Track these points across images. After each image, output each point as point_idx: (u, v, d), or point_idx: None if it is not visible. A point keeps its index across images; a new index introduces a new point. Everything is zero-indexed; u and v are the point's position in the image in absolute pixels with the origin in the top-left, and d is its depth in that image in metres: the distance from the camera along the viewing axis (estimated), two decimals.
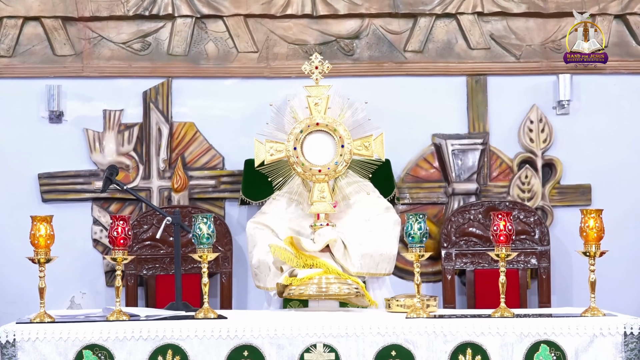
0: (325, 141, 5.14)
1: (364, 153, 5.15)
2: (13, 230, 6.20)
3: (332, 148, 5.13)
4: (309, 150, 5.11)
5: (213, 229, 4.41)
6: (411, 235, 4.37)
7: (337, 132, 5.12)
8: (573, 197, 6.58)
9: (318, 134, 5.13)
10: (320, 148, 5.12)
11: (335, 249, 4.97)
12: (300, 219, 5.16)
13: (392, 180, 6.38)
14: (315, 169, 5.08)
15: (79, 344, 4.17)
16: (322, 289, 4.73)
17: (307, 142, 5.12)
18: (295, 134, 5.11)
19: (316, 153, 5.11)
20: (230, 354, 4.18)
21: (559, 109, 6.59)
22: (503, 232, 4.36)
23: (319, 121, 5.14)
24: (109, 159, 6.42)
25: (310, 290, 4.73)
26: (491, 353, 4.18)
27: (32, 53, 6.48)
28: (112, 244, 4.40)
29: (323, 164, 5.09)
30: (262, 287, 5.14)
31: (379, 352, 4.18)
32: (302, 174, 5.10)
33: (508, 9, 6.59)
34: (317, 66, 5.26)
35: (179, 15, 6.51)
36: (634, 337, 4.19)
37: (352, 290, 4.76)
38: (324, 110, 5.16)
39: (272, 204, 5.36)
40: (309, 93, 5.20)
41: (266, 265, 5.03)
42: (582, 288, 5.94)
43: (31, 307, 4.96)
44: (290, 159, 5.10)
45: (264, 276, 5.06)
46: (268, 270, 5.02)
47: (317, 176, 5.08)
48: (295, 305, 5.10)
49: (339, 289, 4.74)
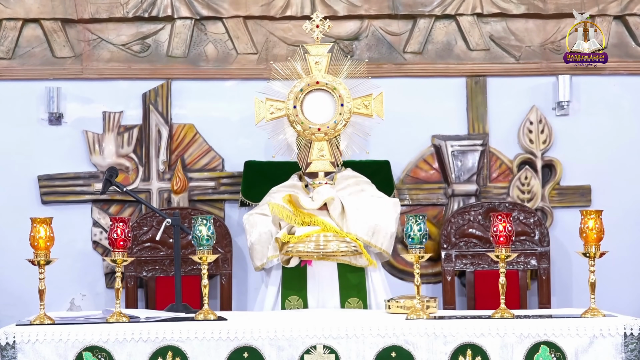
0: (325, 100, 5.13)
1: (363, 112, 5.14)
2: (13, 232, 6.20)
3: (331, 107, 5.12)
4: (308, 108, 5.10)
5: (213, 230, 4.40)
6: (411, 236, 4.37)
7: (337, 90, 5.10)
8: (573, 198, 6.58)
9: (318, 92, 5.12)
10: (320, 107, 5.11)
11: (332, 207, 4.98)
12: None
13: (391, 181, 6.38)
14: (315, 127, 5.07)
15: (79, 345, 4.17)
16: (320, 247, 4.80)
17: (307, 100, 5.10)
18: (295, 93, 5.10)
19: (316, 112, 5.10)
20: (230, 355, 4.18)
21: (558, 110, 6.59)
22: (503, 233, 4.36)
23: (319, 80, 5.12)
24: (109, 161, 6.42)
25: (308, 247, 4.79)
26: (491, 354, 4.18)
27: (31, 55, 6.48)
28: (111, 245, 4.40)
29: (322, 123, 5.08)
30: (259, 265, 5.22)
31: (379, 353, 4.18)
32: (302, 132, 5.09)
33: (507, 10, 6.60)
34: (318, 25, 5.24)
35: (179, 17, 6.51)
36: (634, 338, 4.19)
37: (350, 248, 4.82)
38: (324, 69, 5.15)
39: (270, 196, 5.39)
40: (309, 52, 5.18)
41: (268, 234, 5.09)
42: (582, 289, 5.94)
43: (31, 309, 4.96)
44: (289, 117, 5.09)
45: (263, 248, 5.09)
46: (270, 238, 5.07)
47: (317, 135, 5.07)
48: (294, 301, 5.09)
49: (337, 247, 4.79)
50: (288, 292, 5.10)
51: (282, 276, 5.13)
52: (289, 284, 5.11)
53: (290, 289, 5.10)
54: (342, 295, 5.13)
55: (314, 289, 5.11)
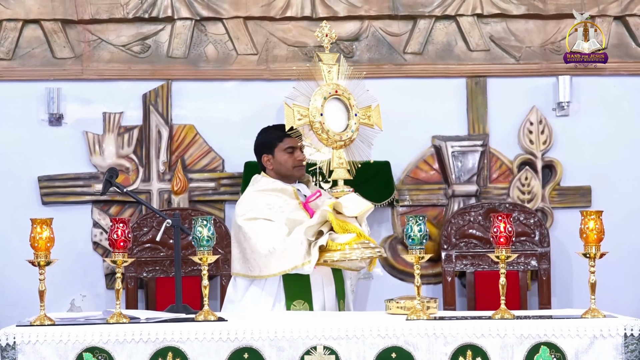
0: (339, 108, 5.08)
1: (366, 122, 5.14)
2: (13, 233, 6.20)
3: (343, 115, 5.09)
4: (328, 116, 5.06)
5: (213, 231, 4.40)
6: (411, 237, 4.37)
7: (350, 100, 5.10)
8: (573, 198, 6.59)
9: (334, 101, 5.09)
10: (335, 115, 5.06)
11: (365, 215, 5.01)
12: (296, 211, 5.12)
13: (391, 182, 6.38)
14: (337, 136, 5.04)
15: (79, 346, 4.16)
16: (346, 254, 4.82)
17: (326, 108, 5.06)
18: (320, 101, 5.00)
19: (333, 120, 5.06)
20: (231, 356, 4.17)
21: (558, 110, 6.60)
22: (503, 234, 4.35)
23: (337, 89, 5.10)
24: (109, 162, 6.43)
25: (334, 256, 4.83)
26: (491, 355, 4.18)
27: (31, 56, 6.49)
28: (112, 246, 4.39)
29: (341, 131, 5.06)
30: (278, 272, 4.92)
31: (379, 354, 4.18)
32: (325, 140, 5.03)
33: (507, 10, 6.60)
34: (327, 34, 5.23)
35: (179, 18, 6.52)
36: (634, 339, 4.18)
37: (375, 254, 4.86)
38: (335, 77, 5.12)
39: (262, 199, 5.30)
40: (322, 59, 5.15)
41: (297, 241, 4.88)
42: (582, 289, 5.94)
43: (31, 310, 4.96)
44: (314, 124, 5.01)
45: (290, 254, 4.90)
46: (299, 244, 4.89)
47: (338, 143, 5.05)
48: (300, 305, 5.08)
49: (361, 254, 4.84)
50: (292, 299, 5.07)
51: (284, 284, 5.06)
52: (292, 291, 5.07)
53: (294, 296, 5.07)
54: (338, 297, 5.14)
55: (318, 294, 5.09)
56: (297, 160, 5.18)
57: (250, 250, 4.99)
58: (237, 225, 5.06)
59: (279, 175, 5.19)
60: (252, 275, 5.00)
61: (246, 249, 5.00)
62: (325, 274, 5.07)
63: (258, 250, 4.95)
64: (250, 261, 4.99)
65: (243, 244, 5.02)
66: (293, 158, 5.18)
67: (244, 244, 5.01)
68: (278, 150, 5.19)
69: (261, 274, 4.97)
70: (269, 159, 5.20)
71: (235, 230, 5.10)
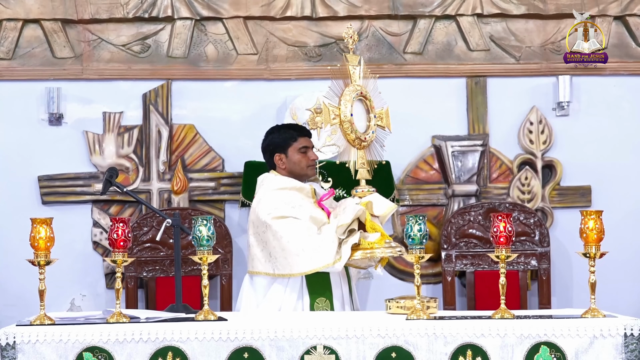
0: (361, 110, 5.10)
1: (380, 124, 5.16)
2: (13, 233, 6.20)
3: (364, 117, 5.10)
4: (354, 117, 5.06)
5: (213, 231, 4.40)
6: (411, 236, 4.37)
7: (371, 102, 5.11)
8: (573, 198, 6.59)
9: (358, 102, 5.09)
10: (359, 116, 5.07)
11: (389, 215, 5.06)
12: (315, 209, 5.14)
13: (392, 182, 6.38)
14: (362, 136, 5.05)
15: (79, 346, 4.16)
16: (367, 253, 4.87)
17: (354, 109, 5.07)
18: (350, 101, 5.00)
19: (357, 121, 5.06)
20: (231, 356, 4.17)
21: (558, 110, 6.60)
22: (503, 234, 4.35)
23: (362, 91, 5.10)
24: (109, 161, 6.43)
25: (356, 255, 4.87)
26: (491, 354, 4.18)
27: (31, 55, 6.49)
28: (112, 246, 4.39)
29: (363, 132, 5.07)
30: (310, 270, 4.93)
31: (379, 353, 4.18)
32: (352, 139, 5.03)
33: (508, 10, 6.60)
34: (352, 35, 5.23)
35: (179, 18, 6.52)
36: (634, 339, 4.18)
37: (395, 253, 4.89)
38: (357, 78, 5.12)
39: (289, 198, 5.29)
40: (349, 61, 5.15)
41: (330, 239, 4.91)
42: (582, 289, 5.94)
43: (31, 310, 4.96)
44: (344, 124, 4.98)
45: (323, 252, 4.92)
46: (332, 242, 4.91)
47: (363, 143, 5.06)
48: (322, 302, 5.09)
49: (382, 252, 4.88)
50: (315, 296, 5.07)
51: (307, 282, 5.08)
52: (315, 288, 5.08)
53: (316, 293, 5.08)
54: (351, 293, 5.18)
55: (337, 291, 5.13)
56: (311, 160, 5.22)
57: (280, 248, 4.99)
58: (264, 223, 5.04)
59: (292, 175, 5.22)
60: (279, 274, 5.02)
61: (275, 247, 5.00)
62: (342, 272, 5.11)
63: (289, 249, 4.96)
64: (279, 259, 4.99)
65: (272, 243, 5.02)
66: (307, 158, 5.22)
67: (272, 242, 5.01)
68: (292, 150, 5.22)
69: (292, 272, 4.98)
70: (281, 158, 5.22)
71: (259, 229, 5.08)
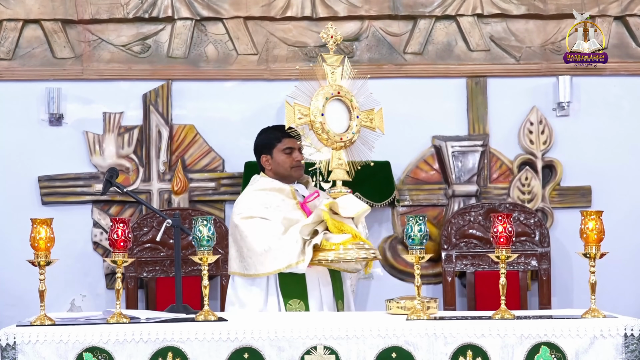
0: (341, 109, 5.07)
1: (368, 125, 5.13)
2: (13, 233, 6.20)
3: (345, 117, 5.08)
4: (328, 117, 5.03)
5: (213, 231, 4.40)
6: (411, 237, 4.36)
7: (353, 102, 5.08)
8: (573, 198, 6.59)
9: (335, 101, 5.07)
10: (337, 116, 5.04)
11: (363, 217, 5.01)
12: (294, 211, 5.13)
13: (392, 182, 6.38)
14: (338, 136, 5.03)
15: (79, 346, 4.16)
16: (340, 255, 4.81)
17: (327, 109, 5.04)
18: (321, 101, 4.98)
19: (334, 121, 5.04)
20: (231, 356, 4.17)
21: (558, 110, 6.60)
22: (503, 234, 4.35)
23: (340, 90, 5.07)
24: (109, 162, 6.43)
25: (328, 256, 4.81)
26: (492, 355, 4.18)
27: (32, 56, 6.49)
28: (112, 246, 4.39)
29: (341, 132, 5.05)
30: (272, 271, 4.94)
31: (380, 354, 4.17)
32: (325, 140, 5.01)
33: (508, 10, 6.60)
34: (332, 35, 5.20)
35: (179, 18, 6.52)
36: (635, 339, 4.18)
37: (369, 255, 4.84)
38: (339, 78, 5.09)
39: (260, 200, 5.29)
40: (326, 60, 5.14)
41: (292, 240, 4.90)
42: (582, 290, 5.94)
43: (31, 310, 4.96)
44: (314, 124, 4.98)
45: (285, 253, 4.92)
46: (294, 243, 4.91)
47: (339, 144, 5.03)
48: (296, 304, 5.07)
49: (356, 254, 4.82)
50: (288, 297, 5.07)
51: (280, 283, 5.07)
52: (288, 290, 5.07)
53: (290, 295, 5.06)
54: (336, 298, 5.14)
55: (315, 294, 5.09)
56: (295, 160, 5.19)
57: (246, 248, 5.01)
58: (233, 223, 5.09)
59: (278, 176, 5.20)
60: (248, 274, 5.02)
61: (242, 247, 5.02)
62: (322, 274, 5.08)
63: (254, 249, 4.98)
64: (247, 259, 5.01)
65: (239, 243, 5.04)
66: (291, 159, 5.19)
67: (240, 242, 5.03)
68: (276, 151, 5.20)
69: (257, 272, 4.98)
70: (267, 159, 5.21)
71: (232, 229, 5.12)
